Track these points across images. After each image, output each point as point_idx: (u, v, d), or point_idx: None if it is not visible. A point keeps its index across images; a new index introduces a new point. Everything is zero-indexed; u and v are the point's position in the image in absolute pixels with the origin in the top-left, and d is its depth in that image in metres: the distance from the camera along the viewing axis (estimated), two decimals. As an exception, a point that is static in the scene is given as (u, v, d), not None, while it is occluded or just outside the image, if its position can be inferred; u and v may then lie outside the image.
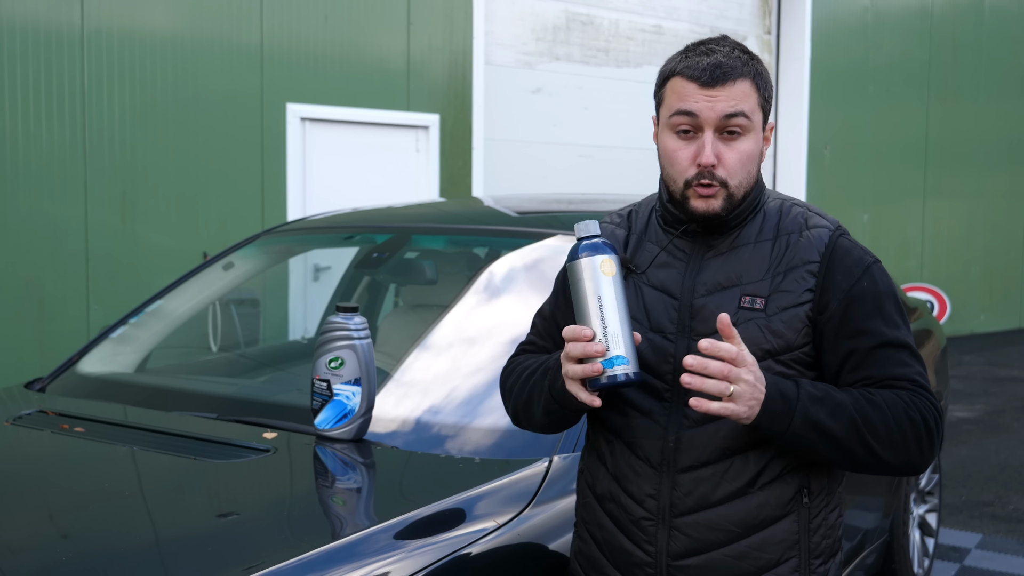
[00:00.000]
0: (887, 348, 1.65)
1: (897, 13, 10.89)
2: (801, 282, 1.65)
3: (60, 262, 6.01)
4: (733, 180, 1.64)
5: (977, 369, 9.49)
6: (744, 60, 1.65)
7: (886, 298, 1.68)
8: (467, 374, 2.57)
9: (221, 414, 2.51)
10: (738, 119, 1.63)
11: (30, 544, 1.84)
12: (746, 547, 1.66)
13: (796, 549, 1.68)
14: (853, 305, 1.65)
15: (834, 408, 1.59)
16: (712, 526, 1.66)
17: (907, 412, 1.61)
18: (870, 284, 1.67)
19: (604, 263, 1.57)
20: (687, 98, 1.64)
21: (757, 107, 1.65)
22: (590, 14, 8.72)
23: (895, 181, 11.02)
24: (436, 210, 3.77)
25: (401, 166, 7.46)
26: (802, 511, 1.69)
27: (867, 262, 1.69)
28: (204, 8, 6.42)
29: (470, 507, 2.00)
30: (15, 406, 2.74)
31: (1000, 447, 6.55)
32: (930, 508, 4.25)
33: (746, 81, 1.64)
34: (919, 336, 4.22)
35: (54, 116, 5.94)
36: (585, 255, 1.58)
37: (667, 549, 1.68)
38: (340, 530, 1.93)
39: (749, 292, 1.66)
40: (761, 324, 1.64)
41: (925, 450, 1.63)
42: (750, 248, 1.69)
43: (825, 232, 1.69)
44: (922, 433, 1.61)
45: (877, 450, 1.60)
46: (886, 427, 1.59)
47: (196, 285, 3.36)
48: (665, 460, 1.67)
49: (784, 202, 1.75)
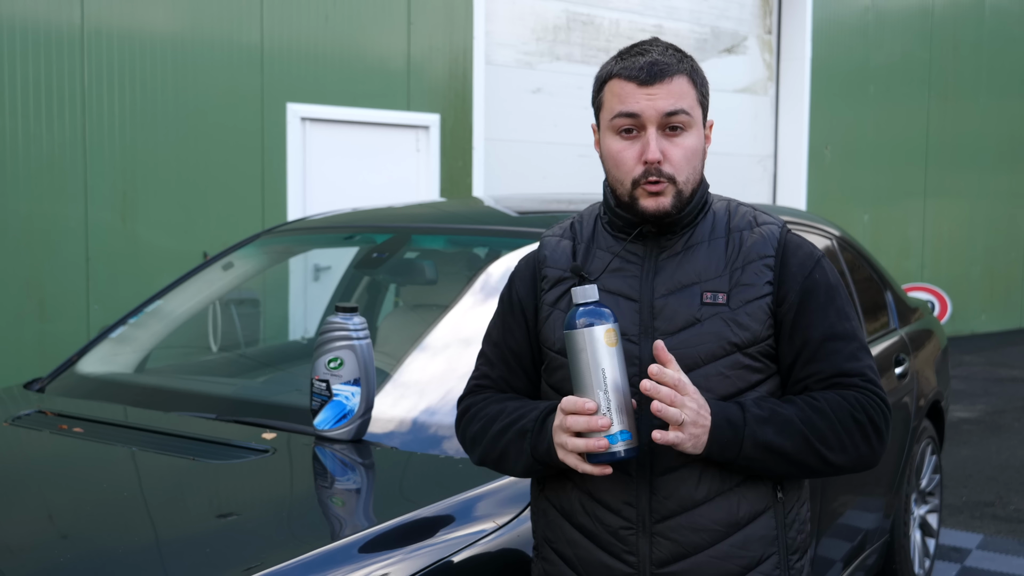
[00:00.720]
0: (838, 341, 1.68)
1: (898, 13, 10.89)
2: (760, 275, 1.67)
3: (60, 262, 6.01)
4: (680, 176, 1.65)
5: (978, 369, 9.49)
6: (679, 58, 1.67)
7: (836, 291, 1.71)
8: (466, 375, 2.55)
9: (220, 414, 2.51)
10: (679, 116, 1.63)
11: (29, 544, 1.84)
12: (730, 546, 1.64)
13: (776, 545, 1.68)
14: (808, 296, 1.68)
15: (782, 425, 1.60)
16: (696, 527, 1.64)
17: (852, 414, 1.63)
18: (821, 276, 1.70)
19: (607, 333, 1.53)
20: (627, 99, 1.64)
21: (696, 103, 1.67)
22: (591, 14, 8.71)
23: (896, 181, 11.02)
24: (436, 210, 3.77)
25: (401, 166, 7.46)
26: (777, 506, 1.69)
27: (816, 256, 1.73)
28: (204, 8, 6.41)
29: (469, 508, 2.00)
30: (14, 406, 2.73)
31: (1001, 447, 6.54)
32: (931, 508, 4.24)
33: (683, 78, 1.65)
34: (920, 336, 4.21)
35: (54, 116, 5.93)
36: (584, 324, 1.54)
37: (650, 557, 1.64)
38: (339, 531, 1.93)
39: (710, 288, 1.66)
40: (727, 318, 1.65)
41: (875, 446, 1.66)
42: (705, 246, 1.70)
43: (775, 228, 1.72)
44: (869, 432, 1.64)
45: (828, 456, 1.62)
46: (834, 433, 1.62)
47: (196, 285, 3.36)
48: (640, 465, 1.64)
49: (730, 202, 1.78)
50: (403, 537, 1.87)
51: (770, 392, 1.70)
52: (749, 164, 10.17)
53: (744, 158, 10.10)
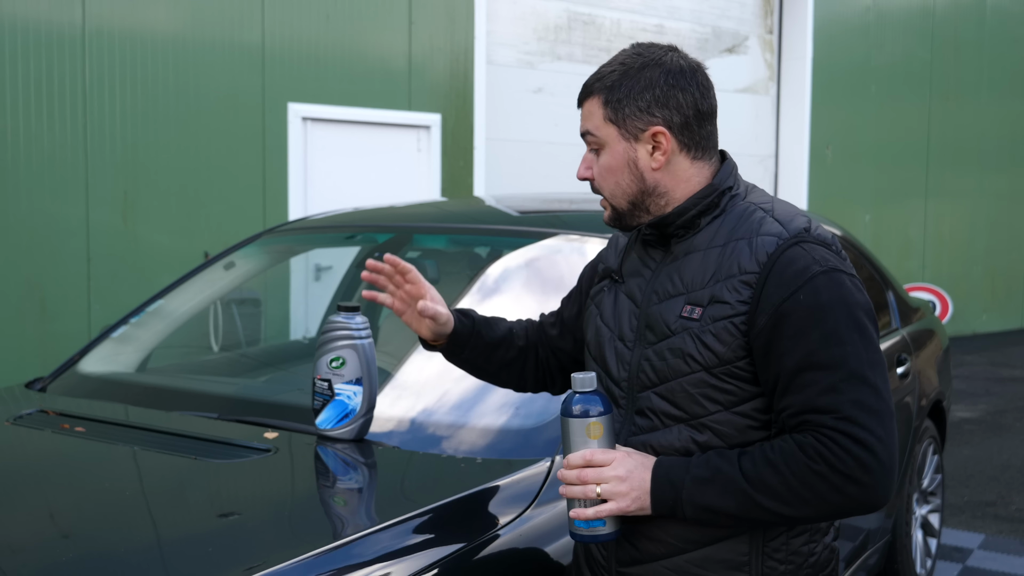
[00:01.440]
0: (816, 371, 1.51)
1: (899, 13, 10.89)
2: (735, 293, 1.57)
3: (61, 261, 6.01)
4: (605, 191, 1.72)
5: (979, 369, 9.49)
6: (604, 73, 1.68)
7: (828, 312, 1.52)
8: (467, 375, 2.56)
9: (222, 414, 2.51)
10: (587, 137, 1.72)
11: (31, 544, 1.84)
12: (686, 562, 1.63)
13: (744, 571, 1.61)
14: (783, 321, 1.53)
15: (724, 486, 1.53)
16: (652, 537, 1.65)
17: (808, 466, 1.49)
18: (808, 296, 1.52)
19: (591, 427, 1.58)
20: None
21: (603, 122, 1.68)
22: (592, 14, 8.71)
23: (897, 181, 11.02)
24: (438, 210, 3.77)
25: (403, 166, 7.46)
26: (755, 532, 1.61)
27: (812, 272, 1.54)
28: (205, 8, 6.42)
29: (472, 507, 2.00)
30: (16, 406, 2.73)
31: (1003, 447, 6.54)
32: (933, 508, 4.24)
33: (593, 99, 1.69)
34: (921, 336, 4.21)
35: (55, 115, 5.94)
36: (577, 412, 1.59)
37: (616, 555, 1.71)
38: (341, 530, 1.93)
39: (692, 301, 1.61)
40: (694, 334, 1.59)
41: (854, 494, 1.49)
42: (700, 255, 1.64)
43: (772, 241, 1.58)
44: (837, 482, 1.48)
45: (785, 512, 1.52)
46: (788, 489, 1.50)
47: (197, 285, 3.36)
48: None
49: (751, 205, 1.66)
50: (405, 536, 1.87)
51: (756, 410, 1.60)
52: (750, 164, 10.17)
53: (745, 158, 10.09)
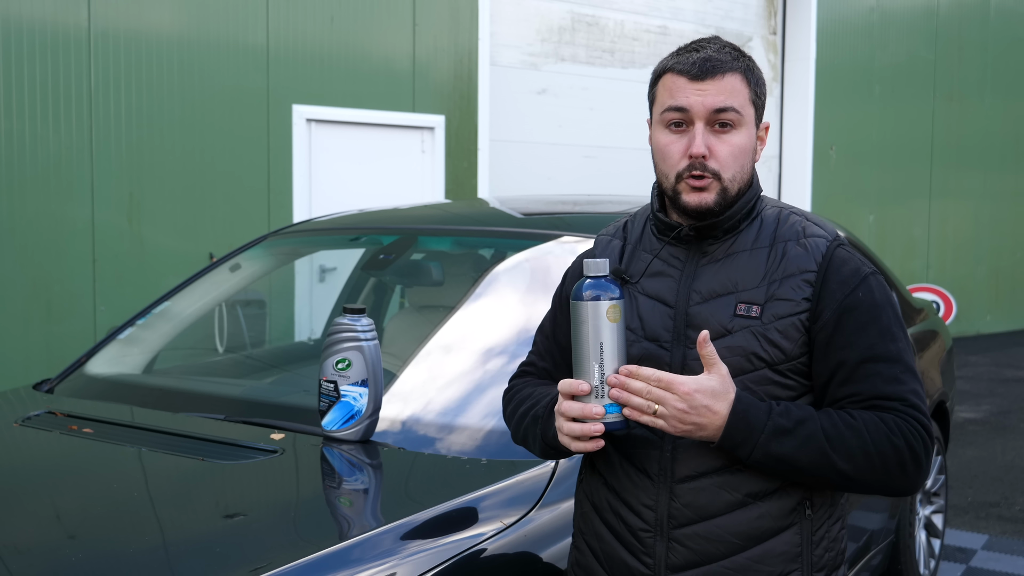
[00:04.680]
0: (879, 363, 1.60)
1: (903, 13, 10.88)
2: (798, 290, 1.62)
3: (67, 263, 6.03)
4: (726, 173, 1.63)
5: (983, 370, 9.48)
6: (734, 56, 1.66)
7: (883, 310, 1.63)
8: (473, 375, 2.57)
9: (229, 415, 2.52)
10: (728, 113, 1.62)
11: (39, 545, 1.85)
12: (747, 559, 1.63)
13: (799, 562, 1.65)
14: (847, 315, 1.61)
15: (804, 440, 1.56)
16: (712, 538, 1.63)
17: (889, 438, 1.56)
18: (866, 295, 1.63)
19: (610, 309, 1.53)
20: (677, 93, 1.64)
21: (748, 102, 1.65)
22: (595, 15, 8.72)
23: (901, 181, 11.01)
24: (442, 211, 3.78)
25: (407, 167, 7.47)
26: (804, 523, 1.65)
27: (864, 273, 1.65)
28: (210, 10, 6.43)
29: (477, 508, 2.00)
30: (23, 407, 2.75)
31: (1006, 448, 6.53)
32: (936, 509, 4.24)
33: (736, 75, 1.64)
34: (925, 337, 4.22)
35: (61, 118, 5.96)
36: (590, 296, 1.54)
37: (665, 561, 1.65)
38: (347, 531, 1.94)
39: (745, 300, 1.63)
40: (757, 332, 1.61)
41: (912, 475, 1.58)
42: (746, 255, 1.66)
43: (823, 242, 1.66)
44: (906, 459, 1.57)
45: (852, 475, 1.57)
46: (864, 453, 1.55)
47: (203, 287, 3.37)
48: (662, 471, 1.65)
49: (782, 210, 1.72)
50: (411, 537, 1.88)
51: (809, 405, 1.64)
52: (754, 165, 10.16)
53: (749, 159, 10.08)
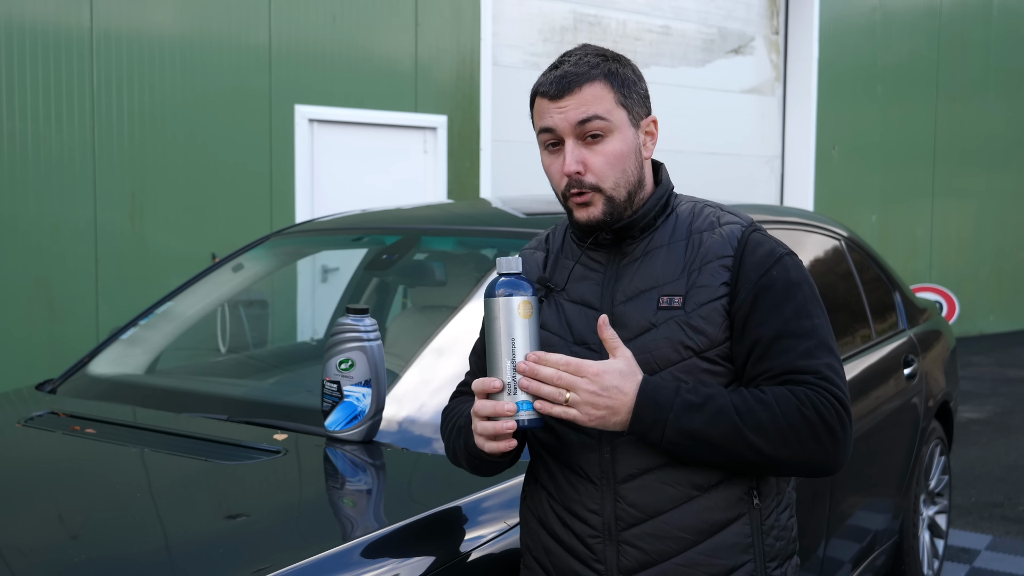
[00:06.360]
0: (792, 338, 1.61)
1: (905, 13, 10.87)
2: (716, 276, 1.63)
3: (69, 263, 6.03)
4: (606, 183, 1.64)
5: (986, 370, 9.47)
6: (594, 64, 1.65)
7: (798, 288, 1.65)
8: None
9: (231, 415, 2.52)
10: (592, 122, 1.62)
11: (41, 545, 1.85)
12: (698, 554, 1.62)
13: (750, 553, 1.65)
14: (762, 294, 1.63)
15: (714, 414, 1.55)
16: (661, 535, 1.62)
17: (800, 409, 1.55)
18: (781, 274, 1.65)
19: (522, 305, 1.53)
20: (544, 114, 1.66)
21: (615, 106, 1.64)
22: (597, 15, 8.72)
23: (903, 181, 11.00)
24: (444, 211, 3.77)
25: (409, 167, 7.47)
26: (753, 513, 1.65)
27: (779, 253, 1.67)
28: (212, 10, 6.44)
29: (480, 509, 2.00)
30: (26, 408, 2.75)
31: (1010, 448, 6.53)
32: (940, 509, 4.24)
33: (595, 84, 1.63)
34: (928, 337, 4.21)
35: (63, 118, 5.96)
36: (502, 293, 1.54)
37: (617, 565, 1.64)
38: (350, 532, 1.93)
39: (667, 292, 1.64)
40: (681, 322, 1.62)
41: (829, 449, 1.57)
42: (664, 250, 1.68)
43: (738, 228, 1.68)
44: (820, 431, 1.56)
45: (766, 451, 1.55)
46: (775, 426, 1.54)
47: (205, 287, 3.37)
48: (604, 473, 1.64)
49: (696, 204, 1.75)
50: (414, 538, 1.88)
51: None
52: (756, 165, 10.16)
53: (751, 159, 10.09)
